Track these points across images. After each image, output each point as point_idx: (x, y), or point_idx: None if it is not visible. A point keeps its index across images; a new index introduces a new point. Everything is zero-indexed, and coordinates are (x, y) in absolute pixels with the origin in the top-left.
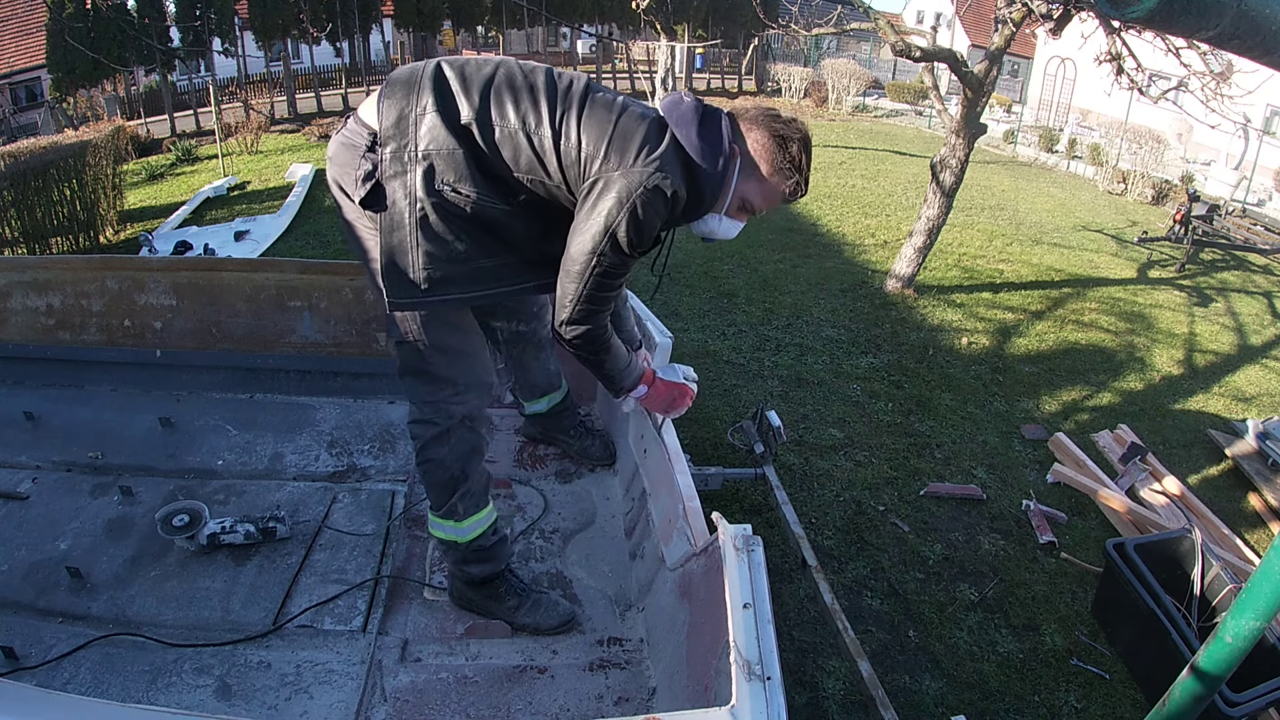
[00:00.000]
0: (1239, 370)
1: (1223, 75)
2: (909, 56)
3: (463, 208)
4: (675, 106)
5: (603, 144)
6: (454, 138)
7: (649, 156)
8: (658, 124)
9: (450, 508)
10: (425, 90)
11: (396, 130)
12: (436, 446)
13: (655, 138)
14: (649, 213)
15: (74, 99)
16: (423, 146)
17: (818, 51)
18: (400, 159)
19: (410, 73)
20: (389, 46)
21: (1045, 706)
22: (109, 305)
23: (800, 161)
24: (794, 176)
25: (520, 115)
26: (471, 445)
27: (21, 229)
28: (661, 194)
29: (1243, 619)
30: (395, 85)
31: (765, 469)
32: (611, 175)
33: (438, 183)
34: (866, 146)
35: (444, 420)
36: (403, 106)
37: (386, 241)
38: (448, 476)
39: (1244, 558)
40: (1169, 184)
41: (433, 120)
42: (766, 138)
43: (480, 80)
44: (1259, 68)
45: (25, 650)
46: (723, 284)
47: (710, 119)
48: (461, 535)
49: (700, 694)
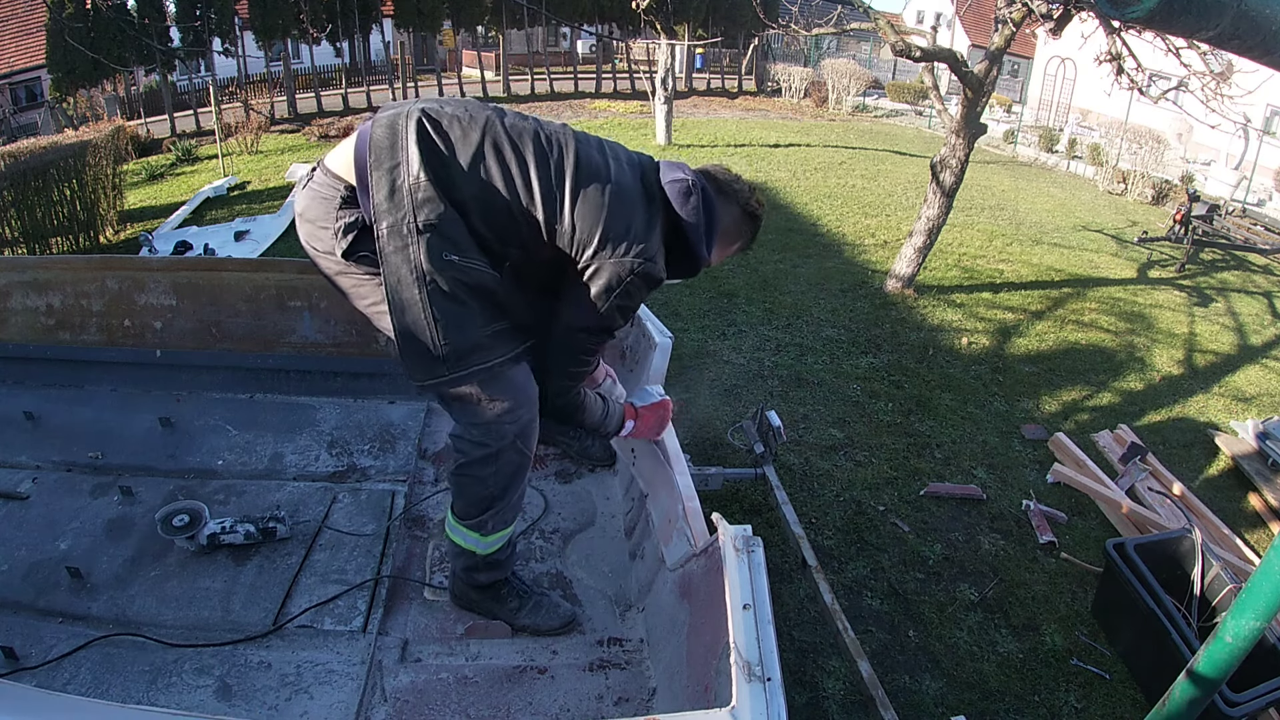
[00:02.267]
0: (1239, 370)
1: (1223, 75)
2: (909, 56)
3: (468, 276)
4: (676, 185)
5: (596, 231)
6: (452, 208)
7: (640, 245)
8: (650, 199)
9: (480, 522)
10: (413, 157)
11: (391, 204)
12: (483, 466)
13: (647, 221)
14: (635, 296)
15: (74, 99)
16: (423, 218)
17: (818, 51)
18: (399, 233)
19: (391, 133)
20: (389, 46)
21: (1045, 706)
22: (109, 305)
23: (756, 229)
24: (749, 240)
25: (514, 193)
26: (517, 465)
27: (21, 229)
28: (649, 279)
29: (1243, 619)
30: (379, 151)
31: (765, 469)
32: (604, 263)
33: (444, 253)
34: (866, 146)
35: (496, 442)
36: (394, 178)
37: (399, 322)
38: (486, 493)
39: (1244, 558)
40: (1169, 184)
41: (429, 191)
42: (740, 212)
43: (468, 151)
44: (1259, 68)
45: (25, 650)
46: (723, 284)
47: (705, 198)
48: (482, 548)
49: (700, 694)
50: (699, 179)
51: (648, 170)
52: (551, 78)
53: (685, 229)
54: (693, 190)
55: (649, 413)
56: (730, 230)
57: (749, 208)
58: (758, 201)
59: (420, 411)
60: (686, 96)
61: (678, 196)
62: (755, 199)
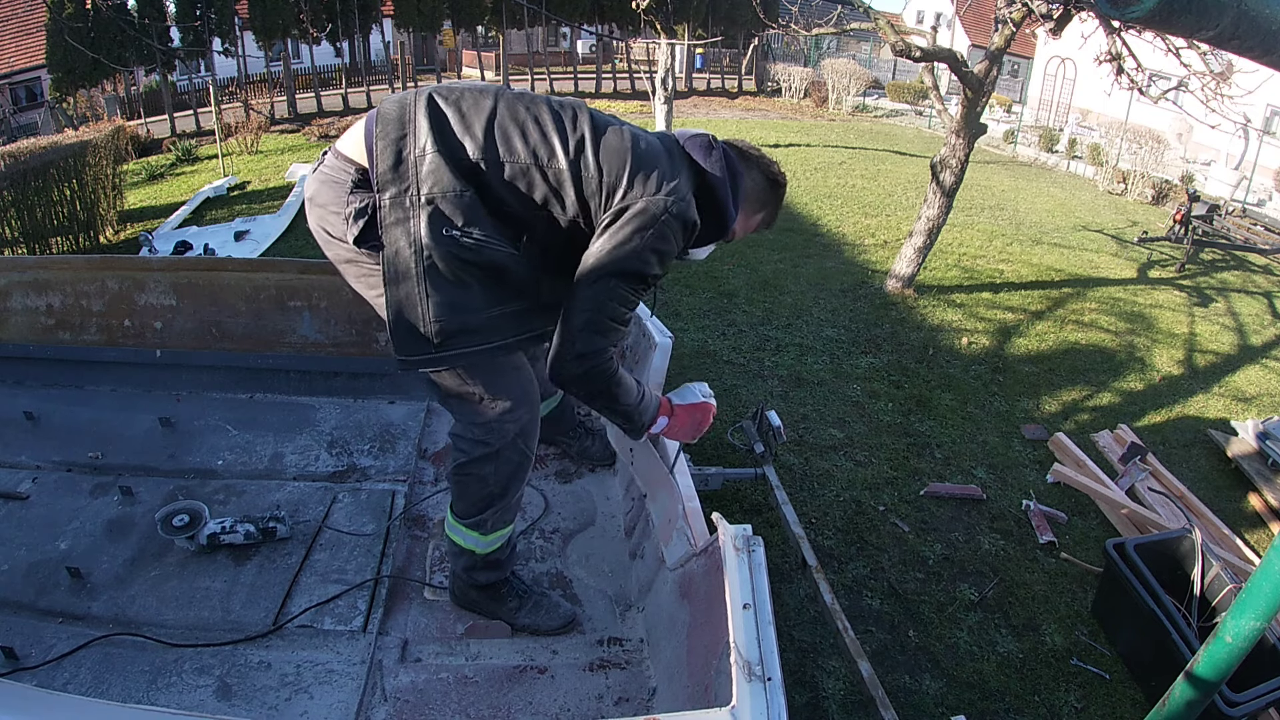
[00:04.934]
0: (1239, 370)
1: (1223, 75)
2: (909, 56)
3: (472, 253)
4: (696, 139)
5: (624, 172)
6: (460, 179)
7: (671, 183)
8: (670, 153)
9: (479, 520)
10: (422, 128)
11: (395, 174)
12: (483, 464)
13: (672, 167)
14: (670, 240)
15: (74, 99)
16: (426, 190)
17: (818, 51)
18: (401, 205)
19: (400, 109)
20: (389, 46)
21: (1045, 706)
22: (109, 305)
23: (780, 201)
24: (773, 214)
25: (531, 149)
26: (518, 464)
27: (21, 229)
28: (684, 221)
29: (1243, 619)
30: (386, 122)
31: (765, 469)
32: (635, 202)
33: (445, 228)
34: (866, 146)
35: (497, 440)
36: (400, 148)
37: (393, 295)
38: (486, 492)
39: (1244, 558)
40: (1169, 184)
41: (435, 162)
42: (762, 178)
43: (482, 116)
44: (1259, 68)
45: (25, 650)
46: (723, 284)
47: (726, 156)
48: (481, 547)
49: (700, 694)
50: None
51: (664, 136)
52: (551, 78)
53: (711, 182)
54: (713, 145)
55: (685, 413)
56: (754, 195)
57: (770, 173)
58: (779, 170)
59: (420, 411)
60: (686, 96)
61: (699, 150)
62: (776, 167)
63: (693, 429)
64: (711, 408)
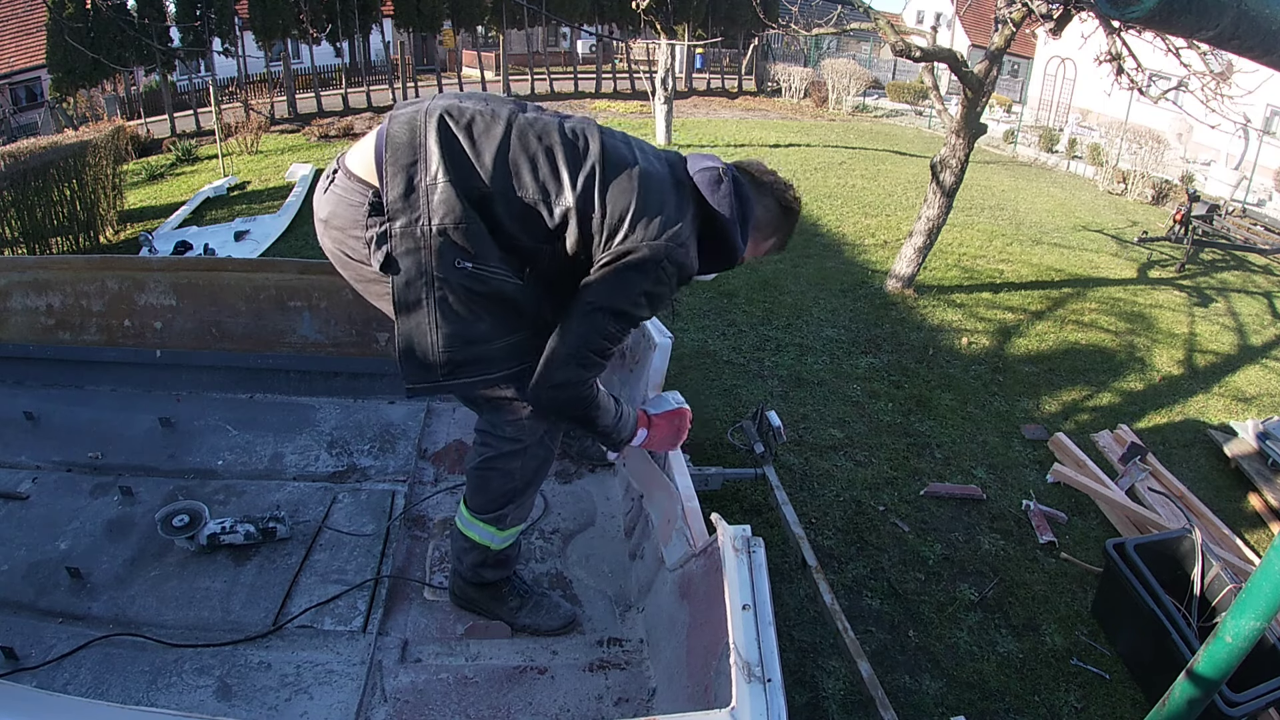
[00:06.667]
0: (1239, 370)
1: (1223, 75)
2: (909, 56)
3: (483, 284)
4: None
5: (628, 214)
6: (471, 209)
7: (673, 228)
8: (680, 187)
9: (499, 515)
10: (433, 155)
11: (406, 204)
12: (511, 460)
13: (678, 208)
14: (665, 284)
15: (74, 99)
16: (437, 221)
17: (818, 51)
18: (412, 234)
19: (410, 130)
20: (389, 46)
21: (1045, 706)
22: (109, 305)
23: (793, 226)
24: (785, 239)
25: (540, 184)
26: (543, 459)
27: (21, 229)
28: (679, 266)
29: (1243, 619)
30: (396, 147)
31: (765, 469)
32: (636, 247)
33: (457, 259)
34: (866, 146)
35: (528, 437)
36: (411, 174)
37: (403, 325)
38: (509, 487)
39: (1244, 558)
40: (1169, 184)
41: (446, 192)
42: (776, 205)
43: (493, 144)
44: (1259, 68)
45: (25, 650)
46: (723, 284)
47: (736, 185)
48: (496, 543)
49: (700, 695)
50: (730, 169)
51: (675, 163)
52: (551, 78)
53: (717, 219)
54: (722, 178)
55: (663, 421)
56: (765, 223)
57: (784, 201)
58: (794, 195)
59: (420, 412)
60: (686, 96)
61: (707, 185)
62: (791, 193)
63: (673, 437)
64: (687, 412)
